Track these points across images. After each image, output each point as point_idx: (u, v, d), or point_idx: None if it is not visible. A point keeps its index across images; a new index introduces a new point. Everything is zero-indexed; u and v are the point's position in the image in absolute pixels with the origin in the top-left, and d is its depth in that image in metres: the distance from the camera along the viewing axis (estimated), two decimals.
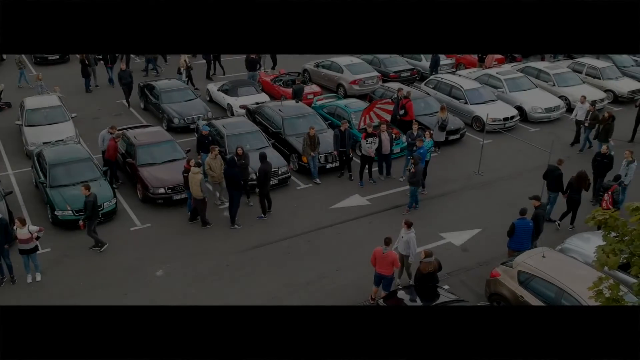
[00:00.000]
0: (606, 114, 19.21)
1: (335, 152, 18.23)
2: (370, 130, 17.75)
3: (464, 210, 16.70)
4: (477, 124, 21.49)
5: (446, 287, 13.25)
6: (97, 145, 18.25)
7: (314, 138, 17.65)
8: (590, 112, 19.63)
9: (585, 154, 19.64)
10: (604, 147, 16.75)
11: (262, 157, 15.76)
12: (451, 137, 20.51)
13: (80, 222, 14.25)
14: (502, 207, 16.41)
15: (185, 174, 15.33)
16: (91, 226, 14.33)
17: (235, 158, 15.88)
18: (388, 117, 19.67)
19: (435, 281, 12.30)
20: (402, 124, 20.36)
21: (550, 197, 15.83)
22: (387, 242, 12.32)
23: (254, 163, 16.35)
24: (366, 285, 13.23)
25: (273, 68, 28.04)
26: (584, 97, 20.70)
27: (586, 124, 19.70)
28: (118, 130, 18.24)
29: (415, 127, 18.10)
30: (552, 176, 15.65)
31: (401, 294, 12.27)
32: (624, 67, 26.82)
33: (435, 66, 26.69)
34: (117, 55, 26.45)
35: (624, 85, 25.04)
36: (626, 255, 6.32)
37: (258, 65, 25.94)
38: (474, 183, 18.26)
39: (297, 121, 19.46)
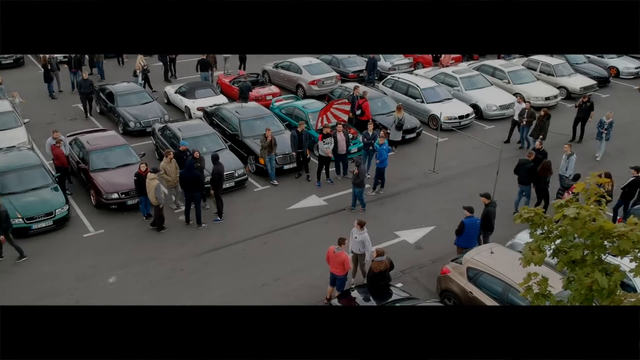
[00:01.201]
0: (542, 112, 19.49)
1: (293, 153, 18.27)
2: (326, 130, 17.83)
3: (419, 208, 16.91)
4: (433, 122, 21.74)
5: (399, 285, 13.45)
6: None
7: (270, 139, 17.63)
8: (527, 111, 19.91)
9: (521, 152, 19.93)
10: (538, 142, 17.10)
11: (215, 159, 15.75)
12: (408, 136, 20.73)
13: (1, 237, 13.93)
14: (456, 204, 16.58)
15: (135, 178, 15.19)
16: (8, 236, 14.01)
17: (192, 160, 15.81)
18: (345, 117, 19.78)
19: (388, 280, 12.44)
20: (359, 124, 20.50)
21: (522, 190, 16.25)
22: (340, 242, 12.41)
23: (209, 165, 16.27)
24: (321, 285, 13.33)
25: (240, 67, 27.83)
26: (520, 96, 20.98)
27: (523, 122, 20.01)
28: (69, 135, 17.99)
29: (370, 127, 18.25)
30: (524, 169, 16.15)
31: (354, 293, 12.39)
32: (577, 64, 27.47)
33: (372, 69, 26.26)
34: (82, 60, 25.93)
35: (577, 82, 25.63)
36: (552, 252, 6.50)
37: (210, 67, 25.78)
38: (430, 181, 18.50)
39: (254, 123, 19.43)
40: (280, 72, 26.33)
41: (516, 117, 20.64)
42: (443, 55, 27.67)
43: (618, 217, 15.46)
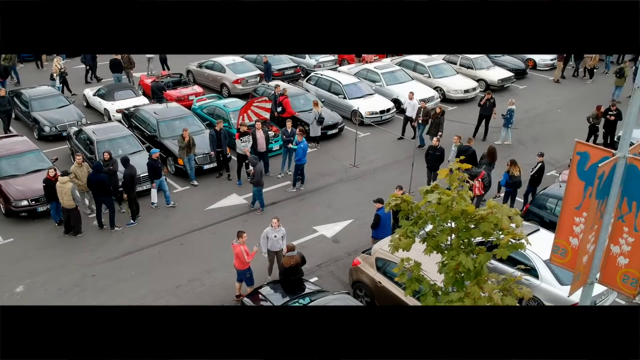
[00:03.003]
0: (437, 110, 19.79)
1: (211, 153, 18.13)
2: (243, 129, 17.77)
3: (338, 202, 17.08)
4: (356, 117, 21.99)
5: (314, 278, 13.58)
6: None
7: (188, 140, 17.43)
8: (422, 109, 20.14)
9: (405, 153, 19.84)
10: (435, 139, 17.45)
11: (125, 161, 15.45)
12: (330, 132, 20.91)
13: None
14: (374, 196, 16.80)
15: (44, 184, 14.75)
16: None
17: (102, 163, 15.48)
18: (267, 115, 19.82)
19: (300, 274, 12.51)
20: (281, 121, 20.53)
21: None
22: (238, 235, 12.47)
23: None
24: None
25: (163, 68, 27.40)
26: (412, 93, 21.18)
27: (419, 121, 20.23)
28: None
29: (289, 124, 18.30)
30: (466, 155, 16.57)
31: (266, 289, 12.40)
32: (495, 56, 28.31)
33: (267, 74, 25.33)
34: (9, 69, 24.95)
35: (495, 74, 26.44)
36: (424, 237, 6.68)
37: (121, 67, 25.31)
38: (350, 175, 18.71)
39: (173, 123, 19.18)
40: (204, 72, 26.07)
41: (408, 114, 20.84)
42: None
43: (527, 203, 16.05)
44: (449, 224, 6.62)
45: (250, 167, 16.04)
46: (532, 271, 12.58)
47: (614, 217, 7.79)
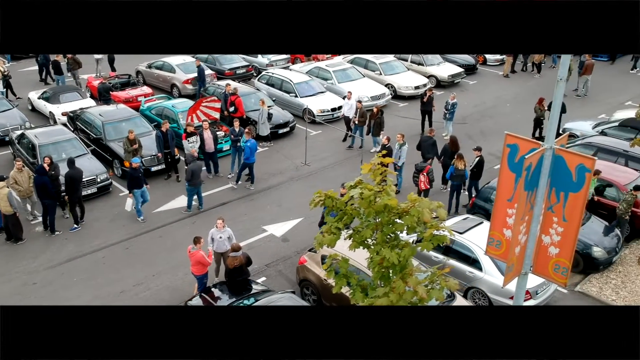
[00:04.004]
0: (375, 109, 19.75)
1: (159, 155, 17.86)
2: (190, 129, 17.55)
3: (288, 201, 17.02)
4: (307, 116, 21.95)
5: (263, 278, 13.49)
6: None
7: (134, 141, 17.13)
8: (359, 110, 20.06)
9: (356, 151, 20.07)
10: (384, 138, 17.38)
11: (70, 163, 15.15)
12: (281, 131, 20.82)
13: None
14: None
15: None
16: None
17: (46, 167, 15.09)
18: (216, 115, 19.63)
19: (246, 275, 12.40)
20: (232, 121, 20.30)
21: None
22: (195, 241, 12.28)
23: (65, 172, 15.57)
24: (183, 287, 13.16)
25: (113, 69, 26.91)
26: (350, 92, 21.07)
27: (356, 122, 20.16)
28: None
29: (236, 124, 18.16)
30: (427, 144, 17.28)
31: (213, 290, 12.27)
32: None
33: (201, 81, 23.93)
34: None
35: (445, 70, 26.79)
36: (350, 233, 6.66)
37: (60, 69, 24.84)
38: (301, 174, 18.66)
39: (119, 125, 18.81)
40: (154, 72, 25.68)
41: (346, 113, 20.76)
42: None
43: (472, 197, 16.24)
44: (373, 219, 6.62)
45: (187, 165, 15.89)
46: (476, 263, 12.76)
47: (544, 208, 7.91)
